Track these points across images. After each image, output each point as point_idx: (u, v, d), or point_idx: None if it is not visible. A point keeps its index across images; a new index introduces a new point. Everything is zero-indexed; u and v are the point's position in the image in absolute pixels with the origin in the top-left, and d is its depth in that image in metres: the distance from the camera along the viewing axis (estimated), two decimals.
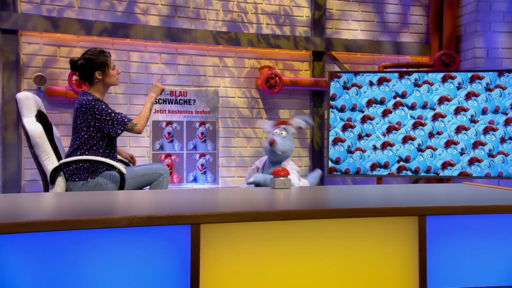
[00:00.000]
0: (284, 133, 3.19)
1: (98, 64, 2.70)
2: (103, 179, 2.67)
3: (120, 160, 3.14)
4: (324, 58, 4.54)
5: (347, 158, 3.95)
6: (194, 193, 2.01)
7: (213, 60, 4.31)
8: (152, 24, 4.12)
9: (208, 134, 4.22)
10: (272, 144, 3.07)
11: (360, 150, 3.94)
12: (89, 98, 2.65)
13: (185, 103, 4.16)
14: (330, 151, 3.97)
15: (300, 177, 3.28)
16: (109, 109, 2.67)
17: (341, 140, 3.96)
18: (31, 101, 2.66)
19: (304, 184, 3.28)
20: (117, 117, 2.66)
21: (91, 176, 2.65)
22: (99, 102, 2.66)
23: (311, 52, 4.50)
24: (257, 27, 4.40)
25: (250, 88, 4.41)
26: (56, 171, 2.56)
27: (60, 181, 2.59)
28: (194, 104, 4.18)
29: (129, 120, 2.69)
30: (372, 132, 3.93)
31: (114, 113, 2.66)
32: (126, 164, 3.12)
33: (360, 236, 1.53)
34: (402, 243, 1.56)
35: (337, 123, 3.96)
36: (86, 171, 2.65)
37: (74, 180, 2.64)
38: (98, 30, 3.95)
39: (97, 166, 2.67)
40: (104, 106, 2.66)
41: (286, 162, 3.26)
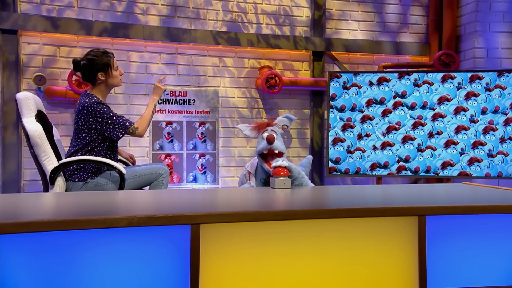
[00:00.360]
0: (274, 135, 2.82)
1: (101, 65, 2.67)
2: (103, 179, 2.66)
3: (120, 160, 3.13)
4: (324, 58, 4.54)
5: (347, 158, 3.95)
6: (194, 193, 2.01)
7: (213, 60, 4.31)
8: (152, 24, 4.12)
9: (208, 134, 4.22)
10: (271, 141, 2.60)
11: (360, 150, 3.94)
12: (91, 101, 2.63)
13: (185, 103, 4.16)
14: (330, 151, 3.97)
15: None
16: (111, 112, 2.65)
17: (341, 140, 3.96)
18: (31, 101, 2.66)
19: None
20: (119, 121, 2.64)
21: (91, 177, 2.65)
22: (101, 105, 2.63)
23: (311, 52, 4.50)
24: (257, 27, 4.40)
25: (250, 88, 4.41)
26: (56, 171, 2.55)
27: (60, 181, 2.59)
28: (194, 104, 4.18)
29: (131, 124, 2.67)
30: (372, 132, 3.93)
31: (116, 117, 2.65)
32: (126, 164, 3.12)
33: (360, 236, 1.54)
34: (402, 243, 1.56)
35: (337, 123, 3.96)
36: (86, 172, 2.64)
37: (74, 181, 2.64)
38: (98, 30, 3.95)
39: (97, 167, 2.67)
40: (106, 109, 2.64)
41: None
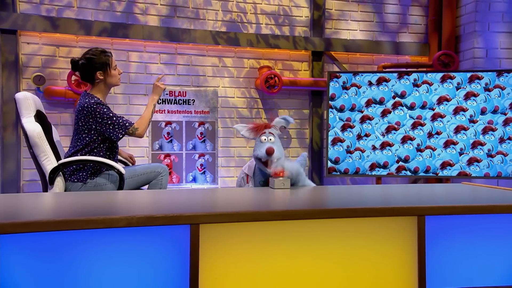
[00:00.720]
0: (273, 139, 2.81)
1: (100, 64, 2.66)
2: (102, 180, 2.66)
3: (120, 160, 3.13)
4: (324, 58, 4.54)
5: (346, 158, 3.95)
6: (193, 193, 2.01)
7: (212, 60, 4.31)
8: (152, 24, 4.12)
9: (208, 134, 4.22)
10: (271, 153, 2.61)
11: (359, 150, 3.94)
12: (91, 101, 2.62)
13: (184, 103, 4.16)
14: (329, 151, 3.97)
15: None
16: (111, 113, 2.64)
17: (340, 140, 3.96)
18: (30, 101, 2.66)
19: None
20: (118, 121, 2.64)
21: (90, 177, 2.65)
22: (101, 106, 2.62)
23: (311, 52, 4.50)
24: (256, 27, 4.40)
25: (250, 88, 4.41)
26: (55, 171, 2.55)
27: (59, 181, 2.58)
28: (193, 104, 4.18)
29: (130, 124, 2.66)
30: (371, 132, 3.93)
31: (116, 117, 2.64)
32: (126, 164, 3.12)
33: (359, 236, 1.54)
34: (401, 243, 1.56)
35: (336, 123, 3.96)
36: (85, 172, 2.64)
37: (73, 181, 2.63)
38: (97, 30, 3.95)
39: (96, 167, 2.66)
40: (106, 110, 2.63)
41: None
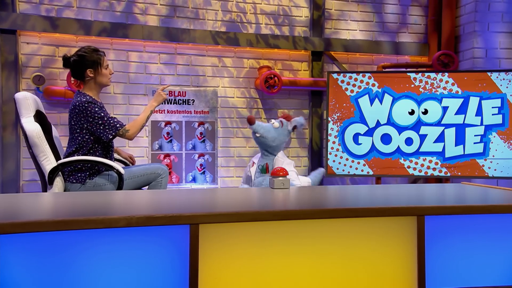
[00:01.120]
0: (277, 124, 3.04)
1: (90, 62, 2.66)
2: (101, 180, 2.66)
3: (120, 160, 3.13)
4: (323, 58, 4.54)
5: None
6: (193, 193, 2.01)
7: (212, 60, 4.31)
8: (151, 24, 4.12)
9: (207, 134, 4.21)
10: (249, 121, 2.88)
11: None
12: (83, 100, 2.61)
13: (184, 103, 4.16)
14: (329, 151, 3.96)
15: (299, 175, 3.27)
16: (102, 113, 2.63)
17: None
18: (30, 101, 2.66)
19: (303, 182, 3.26)
20: (109, 122, 2.62)
21: (89, 177, 2.65)
22: (92, 104, 2.61)
23: (310, 52, 4.50)
24: (256, 27, 4.40)
25: (249, 88, 4.41)
26: (54, 172, 2.55)
27: (58, 182, 2.58)
28: (193, 104, 4.18)
29: (122, 126, 2.65)
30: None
31: (107, 117, 2.62)
32: (126, 164, 3.11)
33: (359, 236, 1.54)
34: (401, 243, 1.56)
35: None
36: (84, 173, 2.64)
37: (72, 182, 2.63)
38: (97, 30, 3.95)
39: (95, 168, 2.66)
40: (98, 109, 2.62)
41: (282, 158, 3.21)
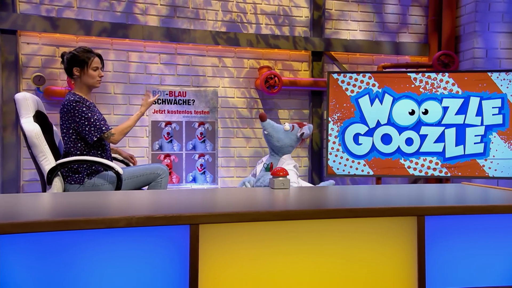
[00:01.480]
0: (288, 127, 3.28)
1: (78, 61, 2.70)
2: (100, 180, 2.66)
3: (121, 160, 3.13)
4: (323, 58, 4.54)
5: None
6: (193, 193, 2.00)
7: (212, 60, 4.31)
8: (151, 24, 4.12)
9: (207, 134, 4.21)
10: (261, 117, 3.15)
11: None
12: (71, 99, 2.64)
13: (184, 103, 4.16)
14: (329, 151, 3.96)
15: (299, 176, 3.30)
16: (90, 113, 2.63)
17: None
18: (29, 102, 2.66)
19: (302, 183, 3.28)
20: (95, 123, 2.63)
21: (88, 177, 2.65)
22: (80, 104, 2.62)
23: (310, 52, 4.50)
24: (256, 27, 4.40)
25: (249, 88, 4.41)
26: (53, 172, 2.55)
27: (57, 182, 2.58)
28: (193, 104, 4.18)
29: (107, 129, 2.66)
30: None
31: (94, 119, 2.63)
32: (127, 165, 3.11)
33: (359, 236, 1.53)
34: (401, 243, 1.56)
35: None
36: (82, 173, 2.64)
37: (71, 182, 2.63)
38: (97, 30, 3.95)
39: (94, 167, 2.66)
40: (85, 109, 2.63)
41: (287, 159, 3.28)
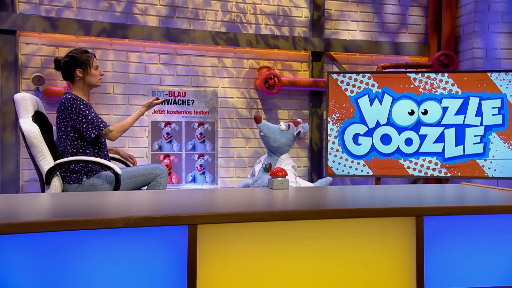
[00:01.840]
0: (283, 127, 3.24)
1: (80, 62, 2.70)
2: (98, 180, 2.66)
3: (120, 161, 3.13)
4: (323, 59, 4.54)
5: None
6: (192, 194, 2.00)
7: (212, 61, 4.31)
8: (151, 25, 4.12)
9: (207, 135, 4.21)
10: (256, 119, 3.13)
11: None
12: (68, 97, 2.64)
13: (184, 104, 4.16)
14: (329, 151, 3.96)
15: (297, 176, 3.29)
16: (87, 111, 2.64)
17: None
18: (28, 102, 2.66)
19: (300, 182, 3.27)
20: (93, 120, 2.64)
21: (87, 177, 2.65)
22: (77, 102, 2.63)
23: (310, 53, 4.49)
24: (256, 28, 4.40)
25: (249, 89, 4.41)
26: (51, 172, 2.55)
27: (56, 182, 2.58)
28: (193, 105, 4.18)
29: (105, 126, 2.66)
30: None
31: (91, 116, 2.64)
32: (126, 165, 3.11)
33: (358, 237, 1.53)
34: (400, 244, 1.56)
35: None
36: (80, 174, 2.64)
37: (69, 181, 2.63)
38: (97, 31, 3.95)
39: (92, 167, 2.66)
40: (82, 107, 2.63)
41: (285, 159, 3.27)
